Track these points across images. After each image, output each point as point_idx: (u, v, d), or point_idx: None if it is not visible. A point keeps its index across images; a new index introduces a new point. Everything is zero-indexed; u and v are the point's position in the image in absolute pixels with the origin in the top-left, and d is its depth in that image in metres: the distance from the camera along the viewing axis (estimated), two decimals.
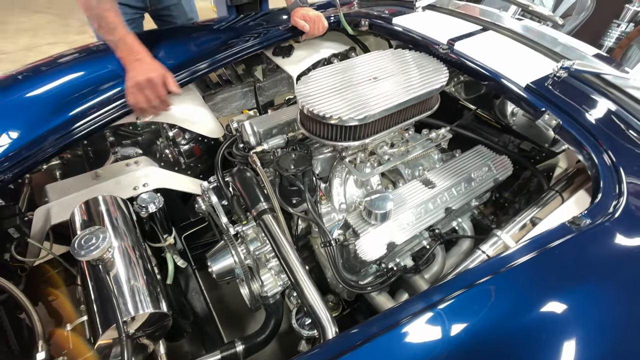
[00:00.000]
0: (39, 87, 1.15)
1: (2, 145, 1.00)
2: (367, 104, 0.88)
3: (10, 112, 1.10)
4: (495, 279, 0.63)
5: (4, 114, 1.09)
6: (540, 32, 1.03)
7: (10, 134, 1.03)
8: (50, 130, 1.03)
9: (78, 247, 0.74)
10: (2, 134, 1.02)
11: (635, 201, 0.70)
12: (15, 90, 1.15)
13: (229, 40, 1.31)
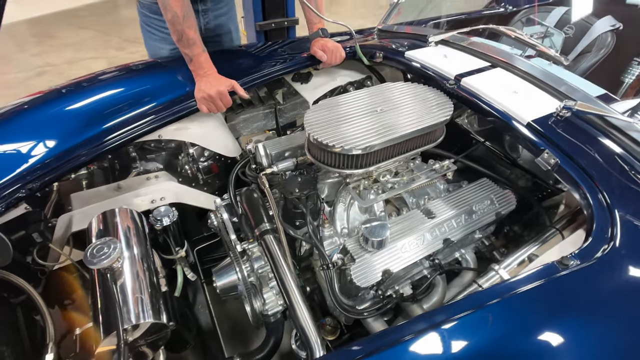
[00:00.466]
0: (78, 101, 1.26)
1: (37, 154, 1.10)
2: (370, 134, 0.92)
3: (49, 123, 1.20)
4: (474, 314, 0.63)
5: (43, 125, 1.19)
6: (546, 72, 1.04)
7: (45, 143, 1.13)
8: (80, 143, 1.12)
9: (90, 255, 0.80)
10: (38, 143, 1.13)
11: (626, 245, 0.70)
12: (57, 103, 1.27)
13: (255, 65, 1.41)
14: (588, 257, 0.70)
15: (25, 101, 1.28)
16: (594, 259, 0.70)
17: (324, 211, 1.04)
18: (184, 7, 1.16)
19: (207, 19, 1.69)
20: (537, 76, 1.05)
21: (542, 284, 0.68)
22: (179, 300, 1.16)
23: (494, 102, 0.99)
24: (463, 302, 0.70)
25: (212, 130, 1.33)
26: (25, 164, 1.07)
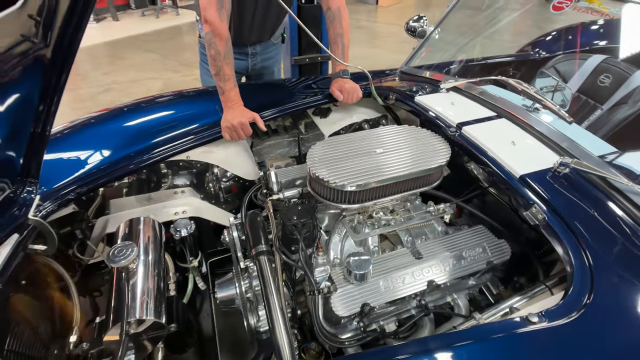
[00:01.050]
0: (133, 119, 1.47)
1: (91, 162, 1.29)
2: (365, 173, 1.00)
3: (106, 137, 1.41)
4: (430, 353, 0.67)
5: (101, 138, 1.40)
6: (551, 126, 1.06)
7: (101, 153, 1.33)
8: (126, 156, 1.30)
9: (112, 255, 0.94)
10: (95, 153, 1.32)
11: (598, 313, 0.70)
12: (117, 120, 1.48)
13: (281, 98, 1.56)
14: (556, 318, 0.71)
15: (93, 116, 1.51)
16: (562, 321, 0.70)
17: (319, 240, 1.12)
18: (226, 47, 1.34)
19: (255, 61, 1.90)
20: (540, 130, 1.08)
21: (504, 337, 0.70)
22: (185, 306, 1.28)
23: (489, 152, 1.04)
24: (428, 339, 0.74)
25: (234, 155, 1.48)
26: (81, 169, 1.26)
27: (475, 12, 1.82)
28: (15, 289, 1.03)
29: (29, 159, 0.98)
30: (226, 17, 1.33)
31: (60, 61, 0.85)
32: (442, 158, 1.05)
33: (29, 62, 0.82)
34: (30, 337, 1.02)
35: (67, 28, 0.81)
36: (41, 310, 1.15)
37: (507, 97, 1.22)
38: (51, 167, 1.25)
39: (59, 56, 0.84)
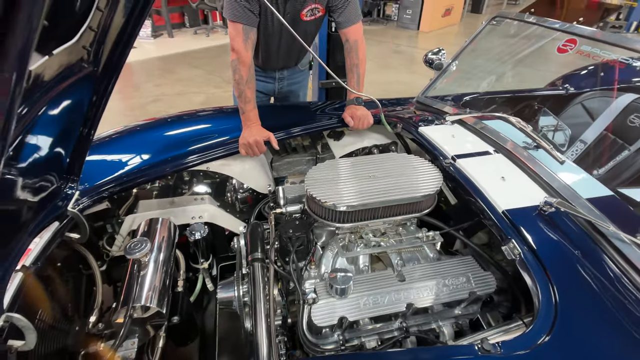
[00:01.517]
0: (168, 130, 1.67)
1: (126, 166, 1.48)
2: (355, 196, 1.09)
3: (142, 145, 1.61)
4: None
5: (139, 146, 1.59)
6: (542, 165, 1.09)
7: (137, 158, 1.51)
8: (156, 163, 1.48)
9: (129, 248, 1.09)
10: (134, 157, 1.51)
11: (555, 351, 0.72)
12: (159, 129, 1.69)
13: (299, 120, 1.69)
14: (512, 350, 0.75)
15: (139, 124, 1.72)
16: (517, 353, 0.74)
17: (313, 254, 1.21)
18: (248, 73, 1.50)
19: (282, 85, 2.06)
20: (534, 168, 1.11)
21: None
22: (189, 302, 1.40)
23: (477, 185, 1.08)
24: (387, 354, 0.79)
25: (250, 169, 1.62)
26: (117, 172, 1.45)
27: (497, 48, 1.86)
28: (51, 269, 1.20)
29: (74, 158, 1.17)
30: (251, 47, 1.50)
31: (106, 79, 1.03)
32: (431, 188, 1.11)
33: (80, 79, 1.00)
34: (58, 313, 1.19)
35: (113, 55, 0.99)
36: (70, 291, 1.32)
37: (509, 134, 1.26)
38: (93, 167, 1.45)
39: (105, 75, 1.02)
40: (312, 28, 1.72)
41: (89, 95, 1.06)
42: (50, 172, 1.10)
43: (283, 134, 1.60)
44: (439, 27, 8.66)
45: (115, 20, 0.95)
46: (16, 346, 0.90)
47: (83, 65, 0.96)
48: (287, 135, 1.61)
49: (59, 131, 1.06)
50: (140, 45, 6.58)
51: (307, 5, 1.58)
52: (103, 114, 1.12)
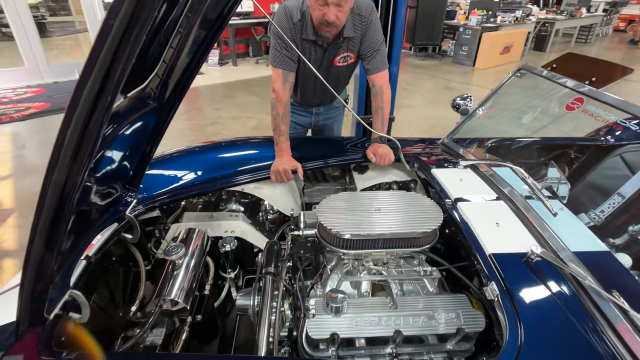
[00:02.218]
0: (222, 152, 1.95)
1: (178, 181, 1.76)
2: (359, 226, 1.23)
3: (199, 163, 1.89)
4: None
5: (195, 164, 1.88)
6: (537, 215, 1.15)
7: (188, 175, 1.79)
8: (202, 181, 1.74)
9: (167, 251, 1.32)
10: (187, 174, 1.79)
11: None
12: (212, 151, 1.98)
13: (328, 152, 1.89)
14: None
15: (198, 145, 2.03)
16: None
17: (321, 275, 1.35)
18: (284, 110, 1.73)
19: (318, 119, 2.28)
20: (529, 217, 1.17)
21: None
22: (212, 306, 1.60)
23: (471, 228, 1.17)
24: None
25: (279, 193, 1.82)
26: (170, 185, 1.73)
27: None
28: (107, 262, 1.47)
29: (136, 172, 1.45)
30: (289, 88, 1.73)
31: (166, 111, 1.30)
32: (430, 225, 1.21)
33: (147, 109, 1.28)
34: (108, 299, 1.44)
35: (173, 94, 1.27)
36: (119, 282, 1.58)
37: (514, 181, 1.32)
38: (153, 179, 1.74)
39: (166, 108, 1.29)
40: (345, 72, 1.93)
41: (153, 122, 1.34)
42: (117, 183, 1.38)
43: (311, 164, 1.79)
44: (496, 65, 8.55)
45: (176, 69, 1.23)
46: (74, 318, 1.14)
47: (149, 102, 1.23)
48: (315, 165, 1.80)
49: (127, 150, 1.34)
50: (207, 72, 7.34)
51: (340, 53, 1.79)
52: (169, 132, 1.39)
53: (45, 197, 0.71)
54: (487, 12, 8.77)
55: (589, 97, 1.20)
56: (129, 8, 0.56)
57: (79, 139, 0.70)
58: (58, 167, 0.69)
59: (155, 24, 1.03)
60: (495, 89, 1.81)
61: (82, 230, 1.20)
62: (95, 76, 0.62)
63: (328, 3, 1.46)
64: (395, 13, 2.53)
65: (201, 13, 1.10)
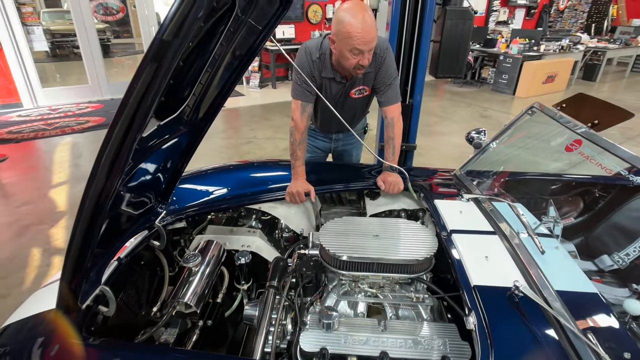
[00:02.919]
0: (253, 172, 2.14)
1: (205, 196, 1.95)
2: (356, 249, 1.32)
3: (227, 181, 2.09)
4: None
5: (220, 181, 2.08)
6: (527, 251, 1.18)
7: (215, 191, 1.98)
8: (227, 197, 1.92)
9: (185, 259, 1.49)
10: (212, 190, 1.99)
11: None
12: (244, 170, 2.18)
13: (343, 178, 2.01)
14: None
15: (233, 164, 2.24)
16: None
17: (320, 292, 1.45)
18: (301, 137, 1.88)
19: (337, 145, 2.42)
20: (519, 252, 1.20)
21: None
22: (223, 313, 1.73)
23: (460, 259, 1.22)
24: None
25: (293, 213, 1.96)
26: (198, 200, 1.92)
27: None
28: (136, 265, 1.66)
29: (168, 185, 1.64)
30: (307, 118, 1.89)
31: (198, 132, 1.49)
32: (423, 254, 1.28)
33: (180, 132, 1.48)
34: (134, 298, 1.62)
35: (202, 122, 1.46)
36: (145, 284, 1.77)
37: (512, 218, 1.35)
38: (185, 193, 1.95)
39: (198, 130, 1.48)
40: (361, 103, 2.06)
41: (185, 142, 1.54)
42: (150, 195, 1.58)
43: (324, 188, 1.92)
44: (539, 94, 8.31)
45: (207, 96, 1.42)
46: (102, 310, 1.32)
47: (180, 128, 1.43)
48: (328, 189, 1.92)
49: (160, 166, 1.54)
50: (248, 94, 7.80)
51: (356, 86, 1.93)
52: (206, 149, 1.59)
53: (84, 206, 0.89)
54: (529, 41, 8.63)
55: (585, 138, 1.23)
56: (160, 53, 0.70)
57: (114, 158, 0.87)
58: (95, 181, 0.87)
59: (190, 54, 1.21)
60: (508, 125, 1.85)
61: (116, 234, 1.39)
62: (130, 106, 0.79)
63: (363, 52, 1.61)
64: (418, 47, 2.65)
65: (234, 44, 1.28)
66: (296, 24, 8.55)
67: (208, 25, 1.11)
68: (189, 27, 0.61)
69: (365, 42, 1.57)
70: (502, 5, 11.27)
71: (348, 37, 1.56)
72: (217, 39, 1.19)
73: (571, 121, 1.37)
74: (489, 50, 9.16)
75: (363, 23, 1.53)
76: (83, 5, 6.58)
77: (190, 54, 1.20)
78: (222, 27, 1.16)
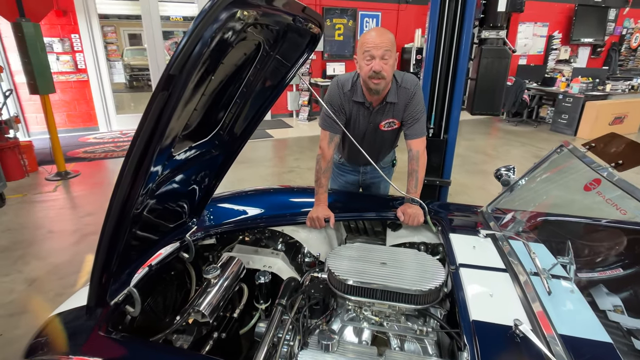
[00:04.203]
0: (281, 196, 2.28)
1: (243, 215, 2.10)
2: (362, 275, 1.35)
3: (257, 203, 2.24)
4: None
5: (254, 203, 2.23)
6: (534, 291, 1.12)
7: (247, 212, 2.13)
8: (256, 218, 2.06)
9: (205, 270, 1.61)
10: (243, 211, 2.14)
11: None
12: (276, 195, 2.33)
13: (370, 208, 2.05)
14: None
15: (275, 187, 2.41)
16: None
17: (327, 316, 1.47)
18: (326, 165, 1.99)
19: (365, 178, 2.48)
20: (527, 291, 1.15)
21: None
22: (238, 330, 1.81)
23: (463, 293, 1.19)
24: None
25: (314, 238, 2.02)
26: (229, 219, 2.08)
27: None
28: (166, 274, 1.82)
29: (200, 202, 1.81)
30: (333, 147, 2.00)
31: (228, 157, 1.65)
32: (427, 285, 1.27)
33: (212, 155, 1.64)
34: (160, 305, 1.77)
35: (233, 146, 1.62)
36: (173, 293, 1.91)
37: (525, 256, 1.29)
38: (220, 211, 2.12)
39: (228, 154, 1.64)
40: (390, 136, 2.13)
41: (217, 164, 1.70)
42: (183, 209, 1.76)
43: (345, 215, 1.98)
44: None
45: (237, 127, 1.59)
46: (129, 311, 1.46)
47: (213, 150, 1.60)
48: (348, 217, 1.97)
49: (194, 183, 1.71)
50: (296, 126, 8.20)
51: (385, 118, 2.01)
52: (251, 176, 1.76)
53: (110, 212, 1.03)
54: (592, 80, 8.15)
55: (603, 177, 1.16)
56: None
57: (137, 168, 0.98)
58: (118, 192, 1.00)
59: (220, 86, 1.38)
60: (537, 163, 1.80)
61: (148, 243, 1.55)
62: (147, 123, 0.89)
63: (375, 57, 1.72)
64: (454, 84, 2.69)
65: (263, 77, 1.44)
66: (347, 62, 8.97)
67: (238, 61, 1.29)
68: (194, 63, 0.74)
69: (376, 46, 1.70)
70: (563, 44, 10.84)
71: (362, 44, 1.74)
72: (246, 73, 1.36)
73: (595, 162, 1.31)
74: (547, 89, 8.78)
75: (375, 31, 1.72)
76: (157, 43, 7.56)
77: (221, 86, 1.37)
78: (250, 64, 1.33)
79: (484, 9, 2.48)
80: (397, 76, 1.91)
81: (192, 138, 1.43)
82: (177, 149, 1.31)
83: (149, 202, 1.29)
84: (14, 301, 2.67)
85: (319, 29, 1.41)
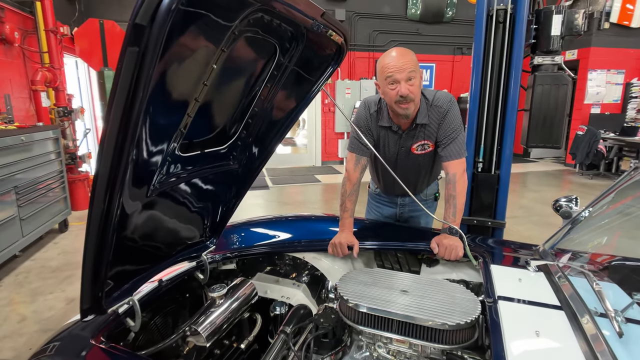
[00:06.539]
0: (299, 223, 2.18)
1: (254, 242, 2.01)
2: (377, 301, 1.13)
3: (276, 229, 2.14)
4: None
5: (274, 230, 2.14)
6: (597, 334, 0.81)
7: (264, 239, 2.04)
8: (272, 244, 1.95)
9: (211, 288, 1.49)
10: (261, 238, 2.05)
11: None
12: (302, 222, 2.23)
13: (402, 237, 1.86)
14: None
15: (295, 214, 2.33)
16: None
17: (337, 352, 1.25)
18: (352, 188, 1.85)
19: (403, 211, 2.27)
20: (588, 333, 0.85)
21: None
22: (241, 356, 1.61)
23: (502, 331, 0.92)
24: None
25: (337, 268, 1.82)
26: (258, 242, 2.00)
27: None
28: (179, 295, 1.73)
29: (218, 223, 1.75)
30: (360, 169, 1.86)
31: (246, 176, 1.60)
32: (454, 319, 1.02)
33: (230, 168, 1.59)
34: (169, 325, 1.66)
35: (253, 163, 1.57)
36: (186, 316, 1.81)
37: (589, 293, 0.99)
38: (239, 236, 2.05)
39: (246, 173, 1.59)
40: (424, 161, 1.94)
41: (235, 180, 1.65)
42: (200, 226, 1.71)
43: (372, 244, 1.78)
44: None
45: (257, 143, 1.55)
46: (129, 324, 1.38)
47: (229, 163, 1.56)
48: (375, 246, 1.77)
49: (211, 198, 1.67)
50: None
51: (417, 140, 1.85)
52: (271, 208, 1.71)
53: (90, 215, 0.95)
54: None
55: None
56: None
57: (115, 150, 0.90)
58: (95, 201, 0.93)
59: (233, 90, 1.36)
60: (608, 189, 1.49)
61: (156, 256, 1.48)
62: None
63: (399, 80, 1.61)
64: (504, 115, 2.46)
65: (281, 88, 1.41)
66: None
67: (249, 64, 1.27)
68: (165, 14, 0.66)
69: (398, 69, 1.59)
70: None
71: (382, 69, 1.64)
72: (262, 79, 1.34)
73: None
74: (629, 139, 7.88)
75: (395, 53, 1.62)
76: None
77: (233, 88, 1.34)
78: (266, 70, 1.31)
79: (536, 34, 2.31)
80: (427, 95, 1.78)
81: (205, 143, 1.41)
82: (185, 149, 1.28)
83: (150, 200, 1.24)
84: (51, 317, 2.76)
85: (341, 39, 1.37)
